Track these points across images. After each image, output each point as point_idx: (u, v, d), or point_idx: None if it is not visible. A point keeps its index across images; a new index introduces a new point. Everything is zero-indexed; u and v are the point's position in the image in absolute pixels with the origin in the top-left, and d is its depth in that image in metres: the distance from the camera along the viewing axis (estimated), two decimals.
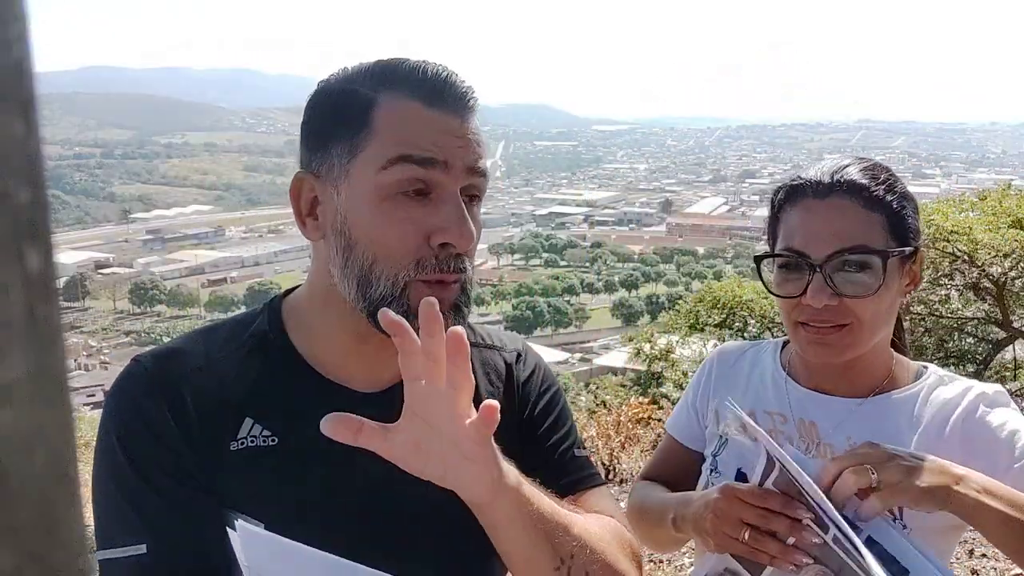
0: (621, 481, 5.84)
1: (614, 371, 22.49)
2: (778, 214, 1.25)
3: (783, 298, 1.22)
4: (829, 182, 1.18)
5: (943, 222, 7.95)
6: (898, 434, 1.20)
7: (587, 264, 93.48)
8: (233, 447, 0.94)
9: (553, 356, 44.71)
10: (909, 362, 1.31)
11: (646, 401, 7.90)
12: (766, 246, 1.28)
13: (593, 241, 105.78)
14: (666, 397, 9.04)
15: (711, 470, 1.33)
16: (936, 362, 1.61)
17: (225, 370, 0.97)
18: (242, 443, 0.94)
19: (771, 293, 1.25)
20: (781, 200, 1.25)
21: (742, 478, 1.24)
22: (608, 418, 6.87)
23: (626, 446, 6.38)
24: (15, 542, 0.21)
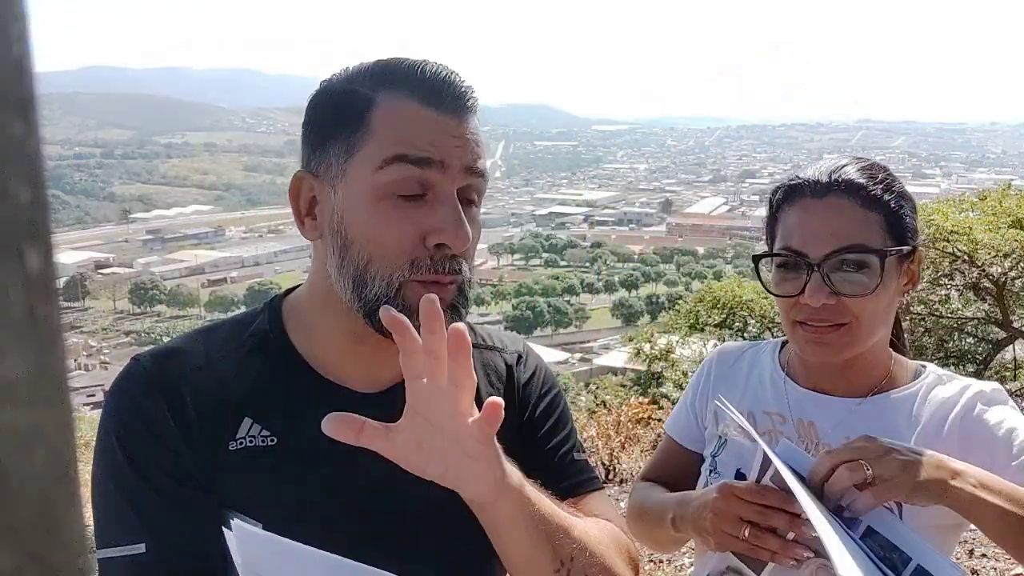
0: (621, 481, 5.84)
1: (614, 371, 22.49)
2: (776, 214, 1.25)
3: (781, 297, 1.22)
4: (827, 182, 1.19)
5: (943, 222, 7.96)
6: (897, 434, 1.20)
7: (587, 264, 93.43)
8: (232, 447, 0.94)
9: (553, 356, 44.68)
10: (908, 361, 1.31)
11: (646, 401, 7.91)
12: (765, 246, 1.28)
13: (593, 241, 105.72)
14: (666, 397, 9.05)
15: (710, 471, 1.33)
16: (936, 362, 1.61)
17: (225, 370, 0.97)
18: (241, 443, 0.94)
19: (769, 293, 1.25)
20: (779, 200, 1.25)
21: (741, 478, 1.23)
22: (608, 418, 6.87)
23: (626, 446, 6.37)
24: (15, 542, 0.21)
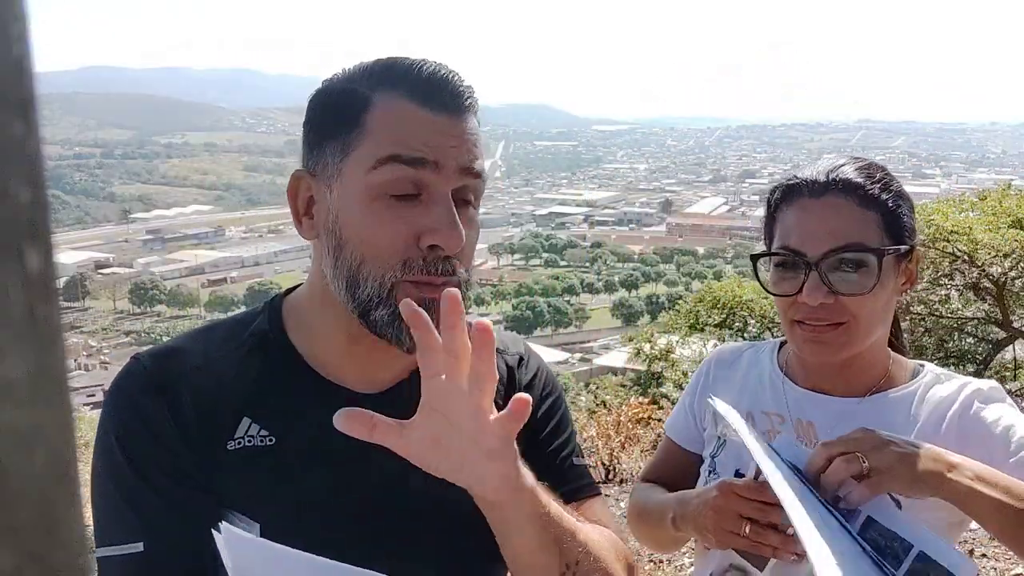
0: (621, 481, 5.85)
1: (614, 371, 22.47)
2: (774, 213, 1.25)
3: (779, 297, 1.22)
4: (824, 181, 1.19)
5: (943, 222, 7.95)
6: (895, 433, 1.20)
7: (587, 264, 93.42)
8: (230, 447, 0.93)
9: (553, 356, 44.68)
10: (906, 361, 1.32)
11: (646, 401, 7.91)
12: (764, 246, 1.29)
13: (593, 241, 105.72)
14: (666, 397, 9.04)
15: (709, 471, 1.33)
16: (936, 362, 1.61)
17: (224, 369, 0.96)
18: (239, 443, 0.93)
19: (768, 292, 1.26)
20: (777, 199, 1.25)
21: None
22: (608, 418, 6.87)
23: (626, 446, 6.38)
24: (15, 542, 0.21)
